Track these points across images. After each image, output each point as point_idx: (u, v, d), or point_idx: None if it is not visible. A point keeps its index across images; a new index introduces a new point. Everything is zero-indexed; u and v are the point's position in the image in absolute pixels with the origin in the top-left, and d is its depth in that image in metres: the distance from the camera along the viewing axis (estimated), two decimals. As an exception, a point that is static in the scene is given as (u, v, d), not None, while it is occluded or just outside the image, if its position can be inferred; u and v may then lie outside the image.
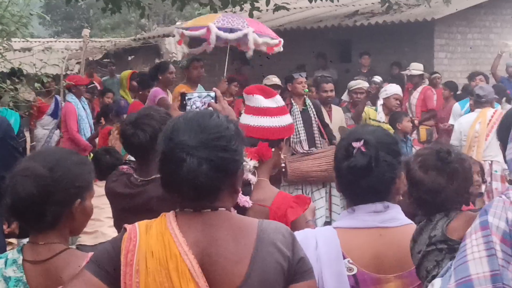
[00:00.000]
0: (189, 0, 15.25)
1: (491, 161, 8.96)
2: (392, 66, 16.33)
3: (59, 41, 27.32)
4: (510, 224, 2.28)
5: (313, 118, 9.50)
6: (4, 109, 8.57)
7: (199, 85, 9.89)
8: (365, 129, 2.99)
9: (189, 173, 2.41)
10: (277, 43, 11.14)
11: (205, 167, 2.42)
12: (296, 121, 9.24)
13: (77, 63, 22.62)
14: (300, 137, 9.27)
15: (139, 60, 24.18)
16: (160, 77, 9.79)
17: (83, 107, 11.47)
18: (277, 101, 3.96)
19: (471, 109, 9.83)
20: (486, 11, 17.61)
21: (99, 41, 26.85)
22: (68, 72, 21.92)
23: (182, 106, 3.92)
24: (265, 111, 3.90)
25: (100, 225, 6.46)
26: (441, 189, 2.90)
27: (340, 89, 13.10)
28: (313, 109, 9.57)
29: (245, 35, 10.60)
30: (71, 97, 11.34)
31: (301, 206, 3.73)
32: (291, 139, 9.16)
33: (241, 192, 3.59)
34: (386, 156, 2.86)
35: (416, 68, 13.72)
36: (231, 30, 10.70)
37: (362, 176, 2.84)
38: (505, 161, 2.65)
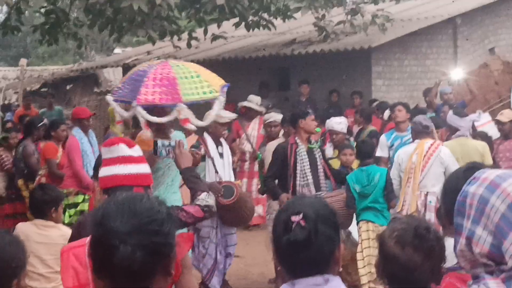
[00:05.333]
0: (126, 31, 15.17)
1: (427, 192, 9.01)
2: (331, 94, 16.49)
3: (-4, 70, 27.00)
4: None
5: (318, 159, 8.90)
6: None
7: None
8: (303, 201, 2.95)
9: (123, 261, 2.36)
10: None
11: (139, 254, 2.37)
12: (303, 163, 8.73)
13: (15, 93, 22.35)
14: (307, 179, 8.69)
15: (78, 89, 24.00)
16: None
17: (90, 142, 10.73)
18: (136, 150, 4.10)
19: (413, 139, 9.78)
20: (421, 38, 17.88)
21: (37, 70, 26.63)
22: (5, 102, 21.67)
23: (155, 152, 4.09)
24: (131, 159, 4.01)
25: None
26: (417, 267, 2.90)
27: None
28: (319, 149, 9.05)
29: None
30: (76, 131, 10.63)
31: (186, 244, 3.82)
32: (297, 182, 8.71)
33: None
34: (325, 229, 2.81)
35: (252, 100, 13.88)
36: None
37: (301, 250, 2.80)
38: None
